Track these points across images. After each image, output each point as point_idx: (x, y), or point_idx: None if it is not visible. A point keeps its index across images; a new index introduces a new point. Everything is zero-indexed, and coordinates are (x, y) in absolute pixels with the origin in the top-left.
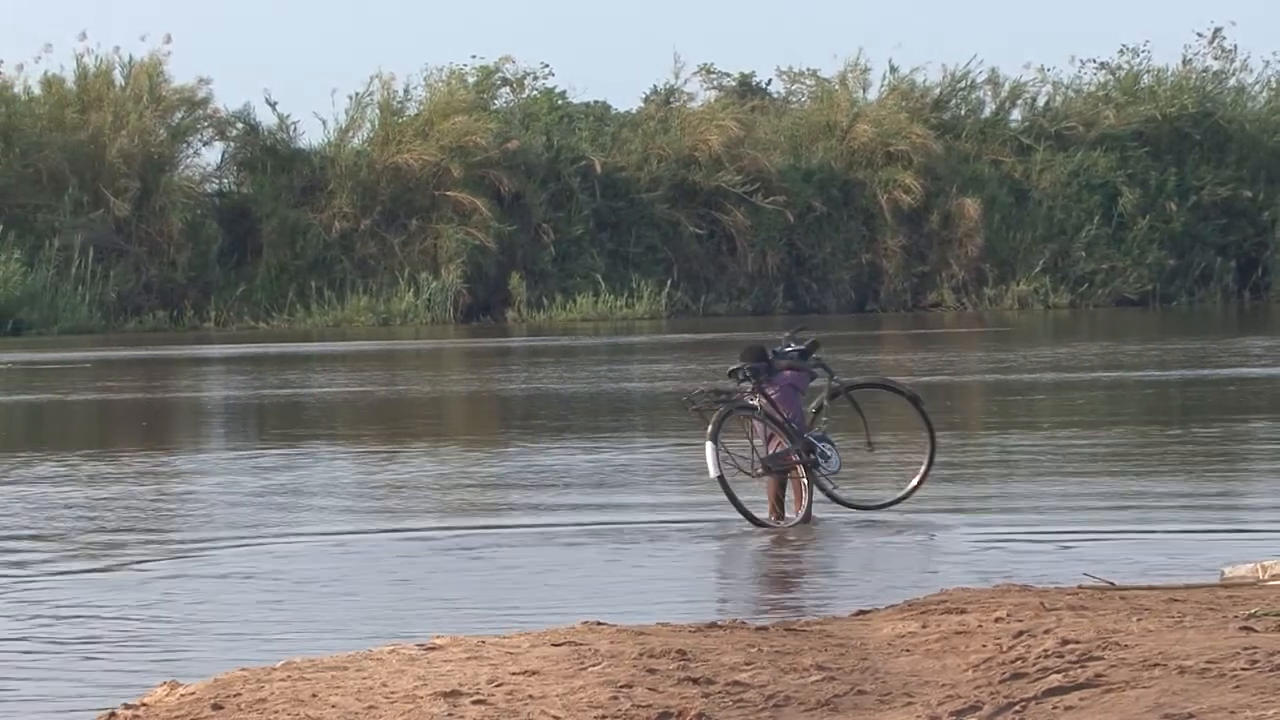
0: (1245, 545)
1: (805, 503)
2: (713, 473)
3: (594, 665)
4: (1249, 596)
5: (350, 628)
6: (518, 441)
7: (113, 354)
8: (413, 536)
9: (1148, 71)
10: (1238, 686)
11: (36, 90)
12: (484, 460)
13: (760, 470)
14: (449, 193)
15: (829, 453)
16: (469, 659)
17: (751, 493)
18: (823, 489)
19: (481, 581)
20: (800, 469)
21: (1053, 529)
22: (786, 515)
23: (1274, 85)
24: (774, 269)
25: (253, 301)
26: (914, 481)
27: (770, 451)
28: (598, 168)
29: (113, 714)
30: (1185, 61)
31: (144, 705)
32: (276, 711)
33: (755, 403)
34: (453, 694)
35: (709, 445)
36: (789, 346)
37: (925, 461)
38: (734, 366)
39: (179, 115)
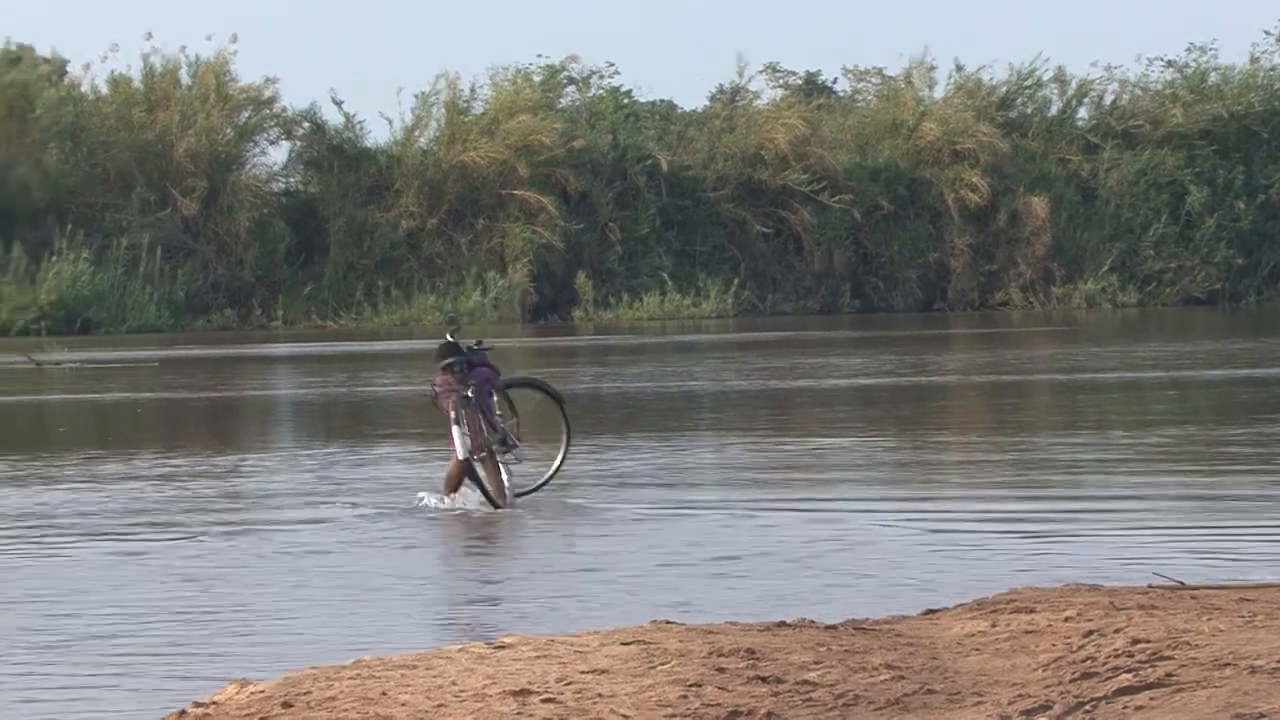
0: None
1: (507, 487)
2: (461, 454)
3: (663, 664)
4: None
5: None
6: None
7: (177, 353)
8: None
9: (1215, 69)
10: None
11: (104, 90)
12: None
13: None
14: (515, 191)
15: (514, 442)
16: (538, 658)
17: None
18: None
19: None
20: (496, 457)
21: (1121, 528)
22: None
23: None
24: (841, 268)
25: (320, 300)
26: (549, 472)
27: (468, 441)
28: (664, 166)
29: (183, 712)
30: (1253, 59)
31: (214, 703)
32: (346, 710)
33: (469, 394)
34: (522, 692)
35: (457, 430)
36: (475, 345)
37: (560, 454)
38: (449, 360)
39: (245, 114)
